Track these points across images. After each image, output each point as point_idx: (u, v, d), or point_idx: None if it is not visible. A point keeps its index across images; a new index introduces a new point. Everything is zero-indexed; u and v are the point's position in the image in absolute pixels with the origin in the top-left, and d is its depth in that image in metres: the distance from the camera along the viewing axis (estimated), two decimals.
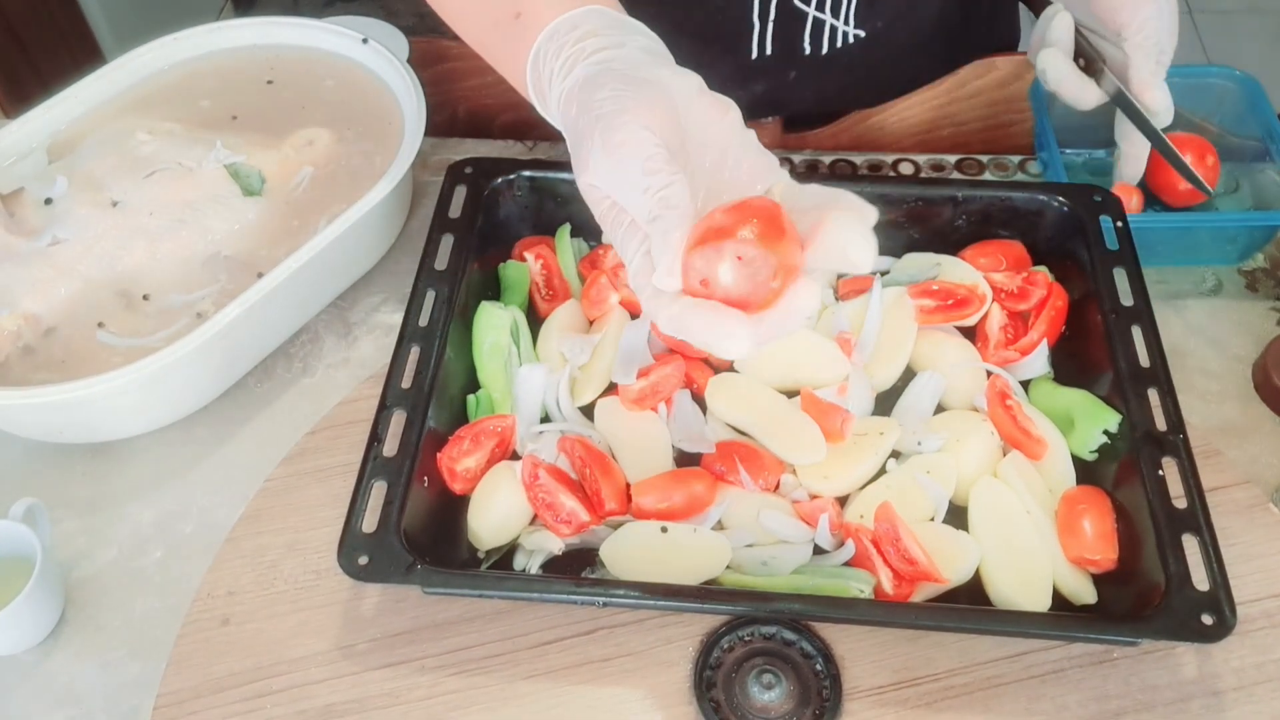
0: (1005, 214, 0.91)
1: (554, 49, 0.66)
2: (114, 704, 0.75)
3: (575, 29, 0.66)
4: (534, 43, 0.67)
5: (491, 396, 0.85)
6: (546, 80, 0.67)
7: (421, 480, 0.76)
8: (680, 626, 0.76)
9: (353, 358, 0.94)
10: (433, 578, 0.71)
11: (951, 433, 0.81)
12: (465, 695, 0.74)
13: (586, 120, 0.61)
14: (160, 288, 0.89)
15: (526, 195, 0.94)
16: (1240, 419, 0.88)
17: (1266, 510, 0.81)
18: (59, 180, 0.94)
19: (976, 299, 0.87)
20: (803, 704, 0.72)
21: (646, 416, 0.83)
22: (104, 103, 1.03)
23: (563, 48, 0.66)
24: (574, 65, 0.65)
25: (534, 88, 0.69)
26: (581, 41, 0.65)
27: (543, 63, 0.67)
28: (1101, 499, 0.77)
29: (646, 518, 0.77)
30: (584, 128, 0.62)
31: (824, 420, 0.80)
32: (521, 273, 0.92)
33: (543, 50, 0.67)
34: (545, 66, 0.67)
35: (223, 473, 0.87)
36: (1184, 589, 0.68)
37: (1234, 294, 0.97)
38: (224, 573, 0.80)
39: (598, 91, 0.62)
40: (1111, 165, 0.97)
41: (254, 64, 1.08)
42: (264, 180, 0.96)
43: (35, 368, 0.85)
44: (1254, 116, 1.00)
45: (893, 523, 0.74)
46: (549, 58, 0.67)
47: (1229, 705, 0.72)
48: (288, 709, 0.73)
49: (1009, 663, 0.74)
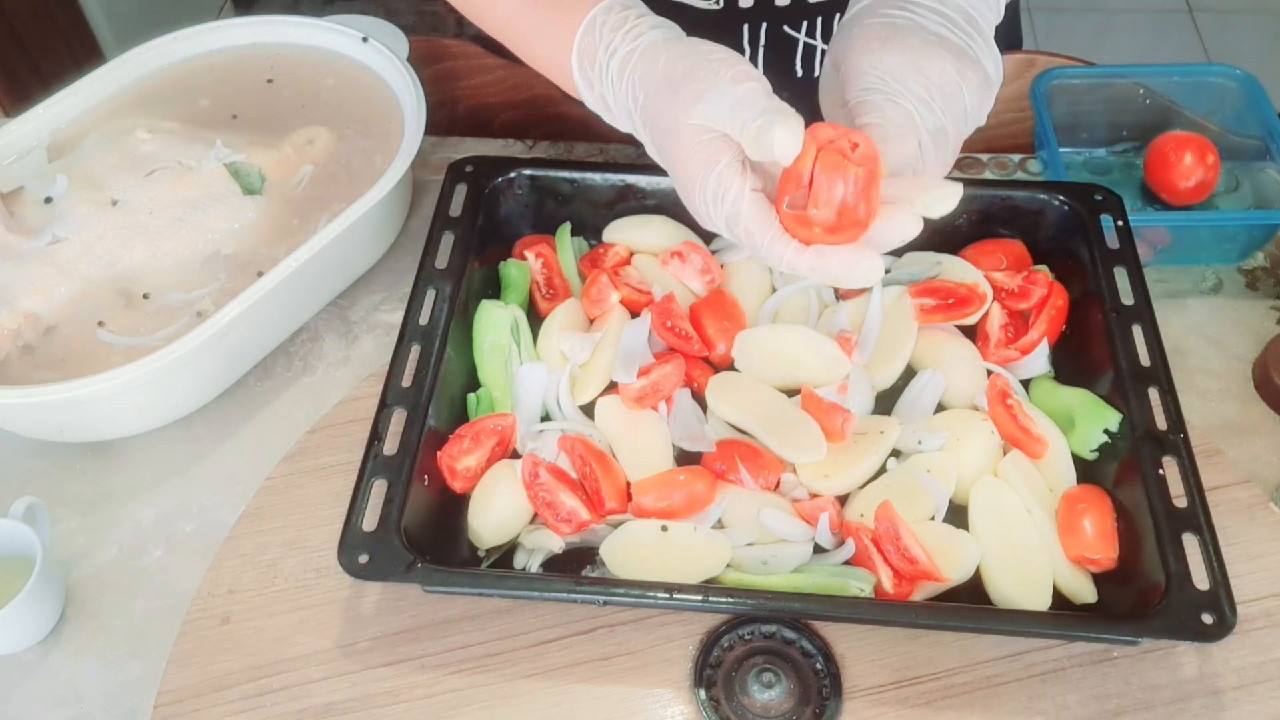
0: (1006, 213, 0.91)
1: (613, 22, 0.70)
2: (114, 702, 0.75)
3: (629, 8, 0.71)
4: (586, 14, 0.70)
5: (492, 395, 0.85)
6: (602, 47, 0.70)
7: (422, 479, 0.76)
8: (680, 625, 0.76)
9: (353, 356, 0.94)
10: (433, 576, 0.71)
11: (952, 432, 0.81)
12: (465, 694, 0.74)
13: (693, 61, 0.65)
14: (160, 286, 0.89)
15: (527, 194, 0.94)
16: (1240, 418, 0.88)
17: (1267, 509, 0.81)
18: (59, 179, 0.94)
19: (977, 298, 0.87)
20: (803, 703, 0.72)
21: (647, 415, 0.83)
22: (104, 101, 1.03)
23: (624, 22, 0.70)
24: (640, 34, 0.69)
25: (580, 54, 0.71)
26: (640, 19, 0.70)
27: (599, 31, 0.70)
28: (1102, 498, 0.77)
29: (647, 516, 0.77)
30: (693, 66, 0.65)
31: (824, 419, 0.80)
32: (522, 271, 0.92)
33: (599, 20, 0.70)
34: (601, 36, 0.70)
35: (223, 471, 0.87)
36: (1184, 588, 0.68)
37: (1234, 293, 0.97)
38: (224, 571, 0.80)
39: (699, 45, 0.67)
40: (1113, 164, 0.97)
41: (254, 63, 1.08)
42: (264, 179, 0.96)
43: (35, 366, 0.85)
44: (1254, 115, 1.00)
45: (893, 522, 0.74)
46: (606, 29, 0.70)
47: (1229, 705, 0.72)
48: (288, 707, 0.73)
49: (1009, 662, 0.74)
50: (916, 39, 0.66)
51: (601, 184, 0.93)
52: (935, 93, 0.65)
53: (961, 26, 0.68)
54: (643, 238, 0.94)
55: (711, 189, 0.64)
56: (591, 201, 0.94)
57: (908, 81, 0.65)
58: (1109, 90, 1.04)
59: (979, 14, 0.69)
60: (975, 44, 0.68)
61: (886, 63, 0.66)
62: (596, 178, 0.93)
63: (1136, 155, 1.04)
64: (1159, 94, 1.03)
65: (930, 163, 0.66)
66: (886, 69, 0.66)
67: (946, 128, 0.66)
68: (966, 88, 0.66)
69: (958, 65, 0.66)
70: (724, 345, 0.87)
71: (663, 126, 0.67)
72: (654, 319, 0.87)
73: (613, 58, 0.69)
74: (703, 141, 0.64)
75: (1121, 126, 1.05)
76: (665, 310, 0.87)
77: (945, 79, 0.65)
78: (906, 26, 0.68)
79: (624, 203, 0.94)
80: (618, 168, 0.94)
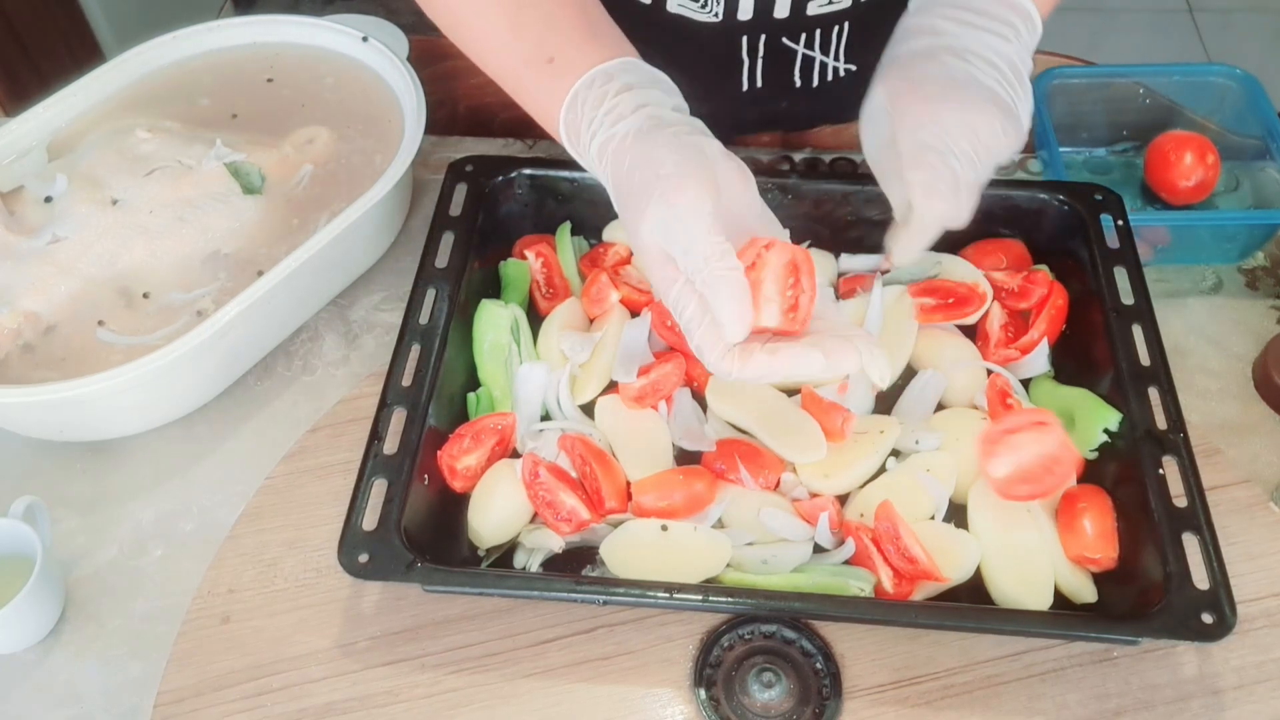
0: (1006, 212, 0.91)
1: (593, 97, 0.69)
2: (114, 702, 0.75)
3: (611, 80, 0.70)
4: (570, 88, 0.70)
5: (492, 394, 0.85)
6: (585, 124, 0.70)
7: (422, 478, 0.76)
8: (680, 625, 0.76)
9: (353, 356, 0.94)
10: (433, 576, 0.71)
11: (952, 431, 0.81)
12: (465, 693, 0.74)
13: (646, 175, 0.65)
14: (160, 286, 0.89)
15: (527, 193, 0.94)
16: (1240, 417, 0.88)
17: (1267, 509, 0.81)
18: (59, 178, 0.94)
19: (977, 297, 0.87)
20: (803, 702, 0.72)
21: (647, 415, 0.83)
22: (104, 101, 1.03)
23: (604, 98, 0.69)
24: (619, 117, 0.68)
25: (567, 128, 0.72)
26: (620, 94, 0.69)
27: (580, 108, 0.70)
28: (1102, 498, 0.77)
29: (647, 516, 0.77)
30: (643, 182, 0.66)
31: (824, 419, 0.80)
32: (522, 271, 0.92)
33: (580, 96, 0.70)
34: (583, 112, 0.70)
35: (223, 471, 0.87)
36: (1184, 588, 0.68)
37: (1234, 292, 0.97)
38: (224, 571, 0.80)
39: (656, 150, 0.66)
40: (1113, 164, 0.97)
41: (254, 62, 1.08)
42: (264, 178, 0.96)
43: (35, 366, 0.85)
44: (1254, 115, 1.00)
45: (893, 521, 0.74)
46: (588, 105, 0.70)
47: (1229, 704, 0.72)
48: (288, 707, 0.73)
49: (1009, 661, 0.74)
50: (972, 94, 0.69)
51: (601, 183, 0.93)
52: (982, 151, 0.69)
53: (1010, 81, 0.71)
54: None
55: (670, 302, 0.66)
56: (591, 201, 0.94)
57: (959, 140, 0.68)
58: (1109, 90, 1.04)
59: (1023, 63, 0.72)
60: (1020, 99, 0.71)
61: (944, 118, 0.68)
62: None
63: (1136, 155, 1.04)
64: (1159, 94, 1.03)
65: (965, 213, 0.70)
66: (943, 124, 0.68)
67: (982, 179, 0.70)
68: (1007, 143, 0.69)
69: (1004, 124, 0.69)
70: None
71: (626, 231, 0.69)
72: (654, 318, 0.87)
73: (594, 140, 0.70)
74: (657, 259, 0.66)
75: (1121, 126, 1.05)
76: (665, 309, 0.87)
77: (992, 138, 0.69)
78: (964, 81, 0.70)
79: None
80: None
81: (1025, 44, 0.73)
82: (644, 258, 0.67)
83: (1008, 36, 0.72)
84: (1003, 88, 0.70)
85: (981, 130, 0.68)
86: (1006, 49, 0.71)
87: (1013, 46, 0.72)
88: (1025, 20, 0.73)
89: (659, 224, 0.65)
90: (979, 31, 0.71)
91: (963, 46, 0.71)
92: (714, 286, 0.62)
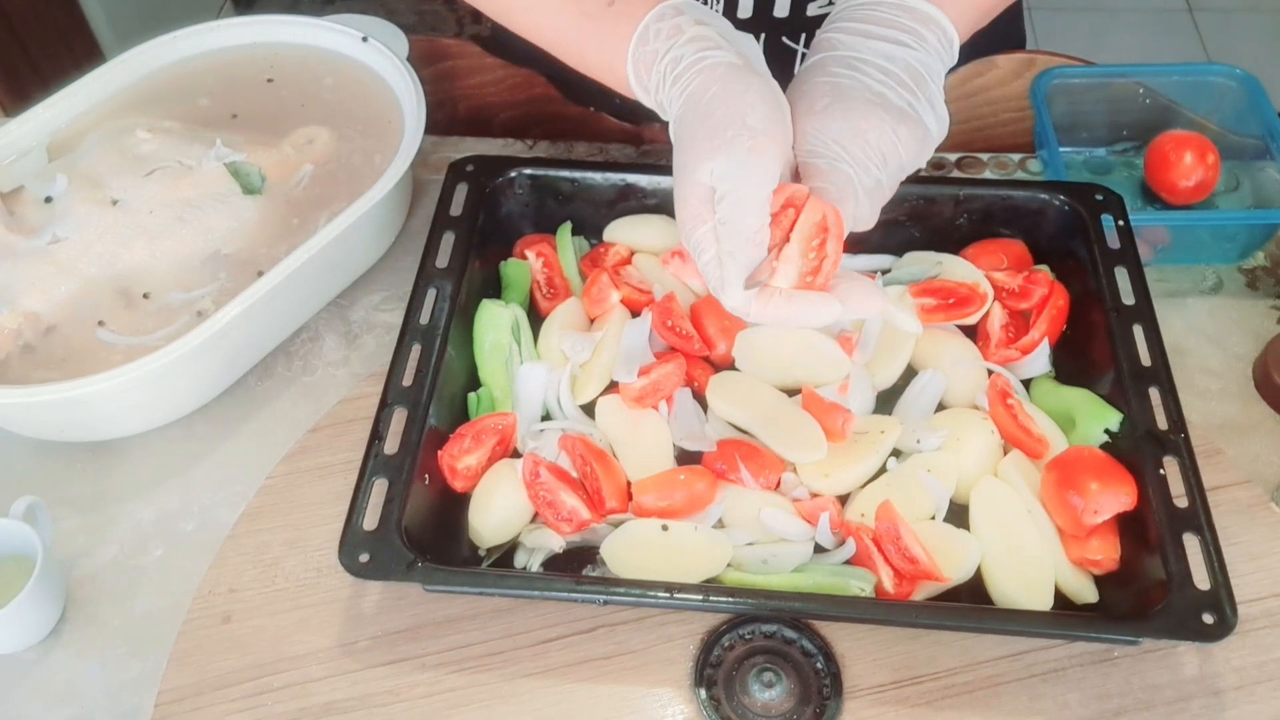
0: (1006, 212, 0.91)
1: (666, 29, 0.70)
2: (115, 702, 0.75)
3: (681, 13, 0.71)
4: (640, 22, 0.71)
5: (492, 394, 0.85)
6: (662, 54, 0.70)
7: (422, 478, 0.76)
8: (681, 624, 0.76)
9: (353, 356, 0.94)
10: (433, 575, 0.71)
11: (952, 431, 0.81)
12: (466, 693, 0.74)
13: (729, 114, 0.66)
14: (160, 286, 0.89)
15: (527, 193, 0.94)
16: (1241, 417, 0.88)
17: (1268, 509, 0.81)
18: (59, 178, 0.94)
19: (978, 298, 0.87)
20: (803, 702, 0.72)
21: (647, 414, 0.83)
22: (104, 101, 1.03)
23: (680, 29, 0.70)
24: (712, 45, 0.69)
25: (635, 64, 0.72)
26: (699, 25, 0.70)
27: (654, 40, 0.71)
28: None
29: (647, 516, 0.77)
30: (724, 120, 0.66)
31: (825, 419, 0.80)
32: (522, 271, 0.92)
33: (651, 29, 0.71)
34: (658, 44, 0.71)
35: (223, 471, 0.87)
36: (1185, 588, 0.68)
37: (1234, 292, 0.97)
38: (225, 570, 0.80)
39: (748, 94, 0.67)
40: (1113, 164, 0.97)
41: (254, 62, 1.08)
42: (264, 178, 0.96)
43: (35, 366, 0.85)
44: (1254, 115, 1.00)
45: (893, 521, 0.74)
46: (662, 36, 0.70)
47: (1230, 705, 0.72)
48: (288, 706, 0.73)
49: (1010, 661, 0.74)
50: (858, 101, 0.69)
51: (602, 183, 0.93)
52: (873, 154, 0.69)
53: (905, 84, 0.70)
54: (643, 237, 0.94)
55: (693, 242, 0.68)
56: (592, 201, 0.94)
57: (848, 145, 0.68)
58: (1109, 90, 1.04)
59: (926, 67, 0.71)
60: (917, 101, 0.71)
61: (829, 126, 0.69)
62: (597, 177, 0.93)
63: (1136, 155, 1.04)
64: (1159, 93, 1.03)
65: (865, 215, 0.70)
66: (829, 133, 0.69)
67: (883, 182, 0.70)
68: (902, 146, 0.69)
69: (895, 126, 0.69)
70: (725, 344, 0.87)
71: (680, 158, 0.69)
72: (654, 318, 0.87)
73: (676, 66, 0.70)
74: (699, 197, 0.67)
75: (1121, 126, 1.05)
76: (666, 309, 0.87)
77: (883, 140, 0.69)
78: (850, 88, 0.70)
79: (624, 202, 0.94)
80: (618, 167, 0.95)
81: (934, 51, 0.72)
82: (684, 189, 0.68)
83: (909, 44, 0.71)
84: (895, 92, 0.70)
85: (871, 135, 0.68)
86: (905, 55, 0.71)
87: (915, 53, 0.71)
88: (932, 28, 0.72)
89: (724, 171, 0.65)
90: (874, 40, 0.71)
91: (854, 56, 0.71)
92: (735, 256, 0.64)
